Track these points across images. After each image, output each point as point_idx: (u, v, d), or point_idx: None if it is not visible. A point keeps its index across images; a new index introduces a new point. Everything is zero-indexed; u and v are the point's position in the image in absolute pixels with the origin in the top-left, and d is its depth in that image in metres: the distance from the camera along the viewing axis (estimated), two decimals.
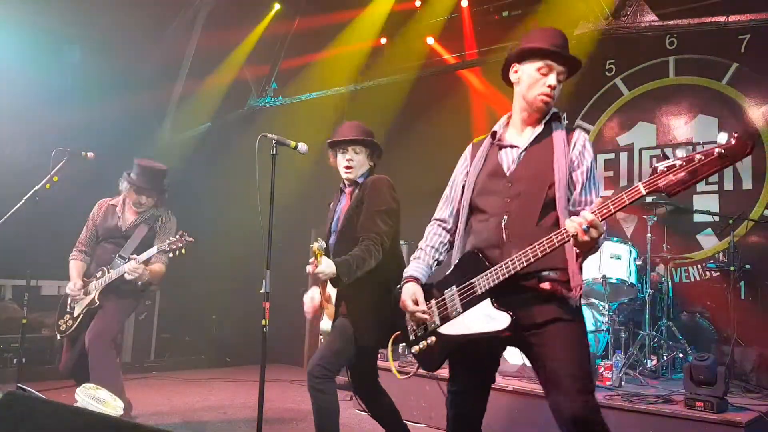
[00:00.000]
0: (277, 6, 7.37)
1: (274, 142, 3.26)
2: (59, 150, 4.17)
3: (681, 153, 2.01)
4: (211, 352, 7.53)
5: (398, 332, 2.59)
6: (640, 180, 6.21)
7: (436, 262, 2.58)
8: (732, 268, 5.03)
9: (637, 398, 3.97)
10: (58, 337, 4.19)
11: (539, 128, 2.42)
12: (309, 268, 3.04)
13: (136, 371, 6.51)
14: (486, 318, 2.24)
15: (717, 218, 5.61)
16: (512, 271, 2.19)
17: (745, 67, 5.69)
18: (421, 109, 7.39)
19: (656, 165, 2.02)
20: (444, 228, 2.61)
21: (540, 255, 2.14)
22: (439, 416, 4.68)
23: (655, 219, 5.20)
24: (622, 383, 4.47)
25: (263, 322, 3.12)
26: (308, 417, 5.05)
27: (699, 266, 5.79)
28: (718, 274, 5.52)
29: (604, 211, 2.05)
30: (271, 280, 3.13)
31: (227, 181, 7.79)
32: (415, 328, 2.49)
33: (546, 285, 2.26)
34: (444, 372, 2.52)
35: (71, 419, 1.79)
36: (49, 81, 6.24)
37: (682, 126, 6.09)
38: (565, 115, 6.71)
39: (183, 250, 3.97)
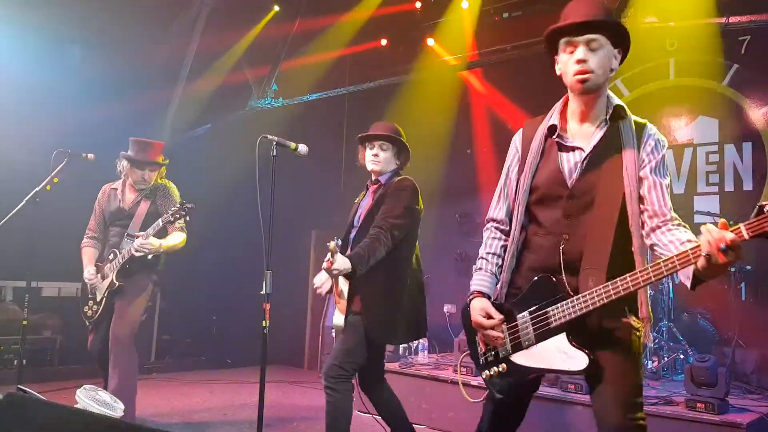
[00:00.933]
0: (276, 8, 7.37)
1: (274, 143, 3.27)
2: (60, 151, 4.17)
3: None
4: (212, 354, 7.52)
5: (467, 352, 2.40)
6: None
7: (499, 270, 2.32)
8: (733, 270, 5.03)
9: None
10: (87, 323, 4.20)
11: (602, 130, 2.13)
12: (325, 265, 3.06)
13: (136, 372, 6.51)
14: (561, 354, 2.05)
15: (717, 219, 5.60)
16: (590, 306, 1.97)
17: (745, 69, 5.69)
18: (421, 110, 7.39)
19: (763, 203, 1.76)
20: (502, 230, 2.35)
21: (632, 288, 1.89)
22: (440, 417, 4.69)
23: None
24: None
25: (264, 323, 3.12)
26: (308, 418, 5.06)
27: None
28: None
29: (743, 233, 1.74)
30: (272, 281, 3.13)
31: (228, 183, 7.79)
32: (484, 350, 2.27)
33: (616, 323, 2.05)
34: (445, 374, 2.49)
35: (72, 420, 1.79)
36: (49, 82, 6.24)
37: (682, 127, 6.09)
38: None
39: (187, 218, 3.96)
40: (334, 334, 3.40)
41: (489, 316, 2.21)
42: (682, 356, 4.94)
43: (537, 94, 7.13)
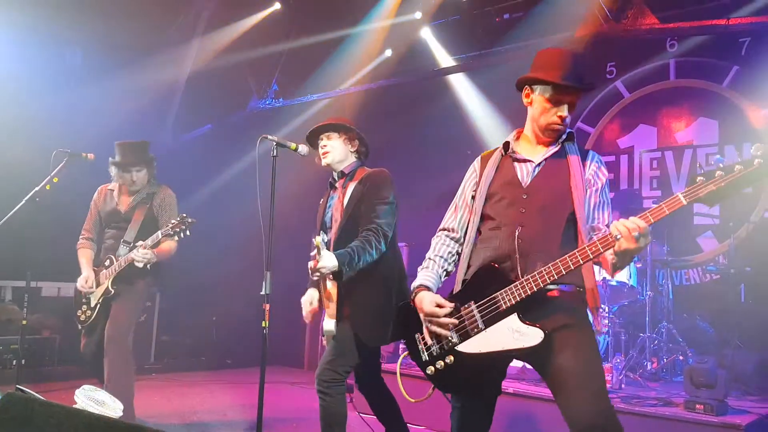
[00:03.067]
0: (277, 5, 7.37)
1: (274, 143, 3.27)
2: (59, 151, 4.17)
3: (721, 162, 2.00)
4: (212, 354, 7.52)
5: (406, 352, 2.41)
6: (640, 182, 6.18)
7: (445, 272, 2.48)
8: (732, 271, 5.03)
9: (637, 401, 3.98)
10: (79, 327, 4.19)
11: (554, 148, 2.40)
12: (311, 264, 2.99)
13: (136, 373, 6.47)
14: (513, 333, 2.12)
15: (717, 221, 5.60)
16: (541, 285, 2.12)
17: (745, 70, 5.70)
18: (422, 111, 7.40)
19: (696, 174, 2.02)
20: (452, 238, 2.51)
21: (572, 267, 2.09)
22: (439, 418, 4.68)
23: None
24: (622, 386, 4.47)
25: (263, 324, 3.12)
26: (308, 418, 5.06)
27: (699, 269, 5.79)
28: (718, 276, 5.52)
29: (650, 218, 2.03)
30: (272, 281, 3.13)
31: (228, 183, 7.80)
32: (428, 344, 2.32)
33: (555, 293, 2.21)
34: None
35: (71, 421, 1.79)
36: (50, 83, 6.25)
37: (682, 129, 6.09)
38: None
39: (187, 232, 3.94)
40: (325, 342, 3.35)
41: (440, 306, 2.27)
42: (681, 358, 4.94)
43: None
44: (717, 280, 5.57)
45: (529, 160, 2.40)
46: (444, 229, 2.55)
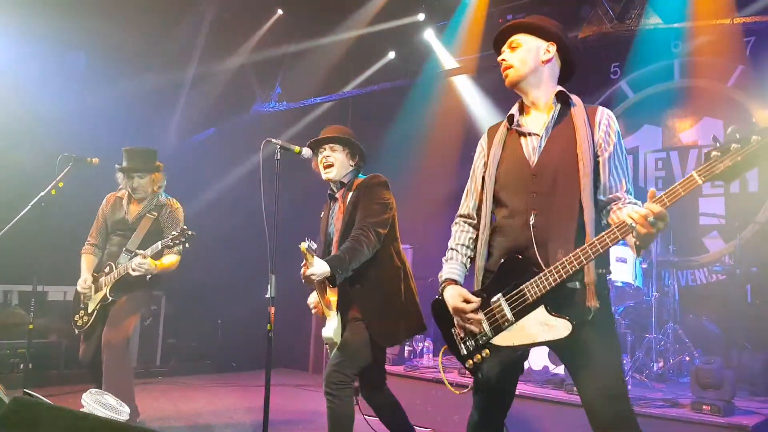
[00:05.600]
0: (279, 11, 7.39)
1: (278, 147, 3.27)
2: (64, 156, 4.19)
3: (731, 137, 1.87)
4: (217, 357, 7.53)
5: (445, 345, 2.39)
6: (645, 183, 6.16)
7: (469, 260, 2.42)
8: (738, 271, 5.01)
9: (643, 402, 3.96)
10: (76, 332, 4.20)
11: (554, 111, 2.28)
12: (301, 270, 2.99)
13: (141, 376, 6.52)
14: (543, 326, 2.11)
15: (723, 221, 5.59)
16: (563, 276, 2.06)
17: (750, 70, 5.68)
18: (424, 113, 7.40)
19: (709, 150, 1.89)
20: (470, 224, 2.45)
21: (593, 256, 2.02)
22: (445, 420, 4.68)
23: None
24: (629, 387, 4.45)
25: (268, 327, 3.13)
26: (313, 421, 5.06)
27: (705, 269, 5.77)
28: (725, 277, 5.50)
29: (666, 200, 1.91)
30: (277, 285, 3.14)
31: (232, 186, 7.82)
32: (463, 338, 2.29)
33: (577, 285, 2.15)
34: (450, 377, 2.49)
35: (78, 424, 1.79)
36: (54, 87, 6.27)
37: (687, 129, 6.07)
38: None
39: (187, 244, 3.97)
40: (328, 348, 3.36)
41: (467, 300, 2.24)
42: (687, 358, 4.92)
43: None
44: (723, 280, 5.55)
45: (535, 134, 2.29)
46: (461, 216, 2.49)
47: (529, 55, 2.31)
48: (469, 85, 7.38)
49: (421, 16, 7.22)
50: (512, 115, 2.37)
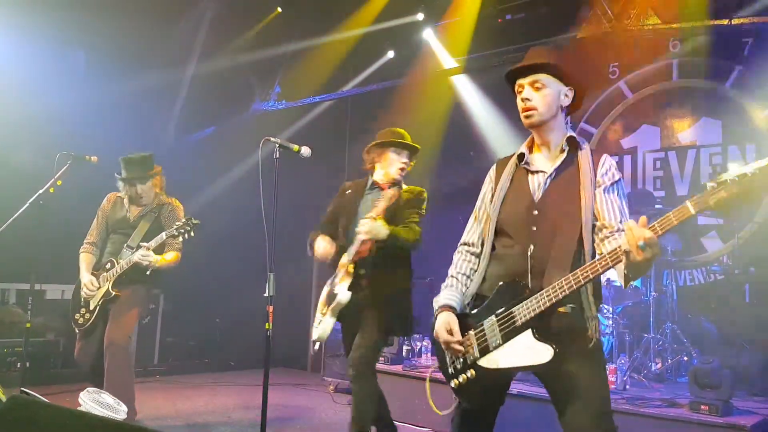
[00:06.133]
0: (278, 9, 7.38)
1: (277, 145, 3.28)
2: (63, 154, 4.18)
3: (734, 168, 1.80)
4: (215, 356, 7.53)
5: (436, 365, 2.47)
6: (644, 183, 6.16)
7: (467, 289, 2.45)
8: (736, 271, 5.02)
9: (641, 402, 3.97)
10: (76, 330, 4.18)
11: (563, 154, 2.34)
12: (372, 213, 3.31)
13: (139, 375, 6.47)
14: (527, 350, 2.14)
15: (721, 221, 5.59)
16: (553, 300, 2.09)
17: (748, 70, 5.69)
18: (424, 113, 7.40)
19: (706, 182, 1.85)
20: (473, 253, 2.49)
21: (582, 282, 2.04)
22: (443, 420, 4.68)
23: None
24: (627, 387, 4.46)
25: (267, 326, 3.13)
26: (311, 420, 5.06)
27: (703, 269, 5.78)
28: (723, 277, 5.51)
29: (658, 229, 1.89)
30: (275, 283, 3.14)
31: (231, 185, 7.81)
32: (453, 360, 2.35)
33: (567, 310, 2.19)
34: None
35: (75, 423, 1.79)
36: (53, 86, 6.26)
37: (685, 129, 6.08)
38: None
39: (192, 233, 3.98)
40: (318, 346, 3.66)
41: (451, 332, 2.29)
42: (685, 358, 4.92)
43: None
44: (721, 280, 5.55)
45: (542, 171, 2.36)
46: (465, 244, 2.54)
47: (553, 100, 2.33)
48: (468, 84, 7.38)
49: (420, 16, 7.22)
50: (523, 154, 2.42)
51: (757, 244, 5.38)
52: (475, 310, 2.33)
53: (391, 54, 7.77)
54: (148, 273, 4.08)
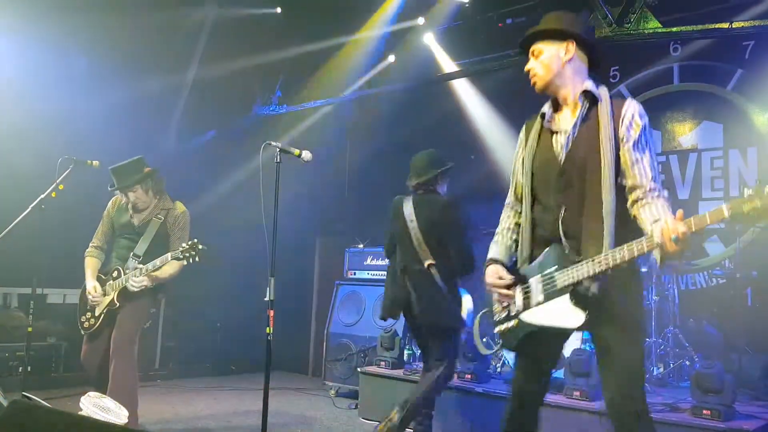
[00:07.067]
0: (278, 10, 7.39)
1: (278, 149, 3.28)
2: (65, 158, 4.18)
3: None
4: (216, 360, 7.52)
5: (486, 309, 2.64)
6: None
7: (514, 243, 2.59)
8: (738, 275, 5.01)
9: None
10: (82, 333, 4.17)
11: (582, 110, 2.39)
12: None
13: (140, 380, 6.44)
14: (562, 312, 2.27)
15: (723, 225, 5.57)
16: (591, 273, 2.18)
17: (750, 73, 5.68)
18: (425, 117, 7.40)
19: (746, 188, 1.88)
20: (515, 210, 2.63)
21: (619, 262, 2.12)
22: (446, 423, 4.67)
23: None
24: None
25: (267, 330, 3.13)
26: (312, 424, 5.05)
27: (705, 273, 5.77)
28: (725, 281, 5.50)
29: (692, 225, 1.98)
30: (276, 287, 3.14)
31: (232, 189, 7.81)
32: (499, 308, 2.53)
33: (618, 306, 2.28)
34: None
35: (76, 428, 1.79)
36: (54, 90, 6.27)
37: (686, 133, 6.07)
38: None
39: (197, 258, 3.87)
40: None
41: (501, 278, 2.48)
42: (687, 363, 4.91)
43: (540, 99, 7.16)
44: (723, 284, 5.54)
45: (563, 131, 2.42)
46: (507, 204, 2.68)
47: (550, 61, 2.44)
48: (469, 88, 7.38)
49: (421, 20, 7.22)
50: (544, 113, 2.51)
51: (760, 247, 5.36)
52: (522, 268, 2.47)
53: (392, 58, 7.78)
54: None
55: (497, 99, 6.98)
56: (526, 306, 2.39)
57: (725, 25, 5.07)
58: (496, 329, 2.54)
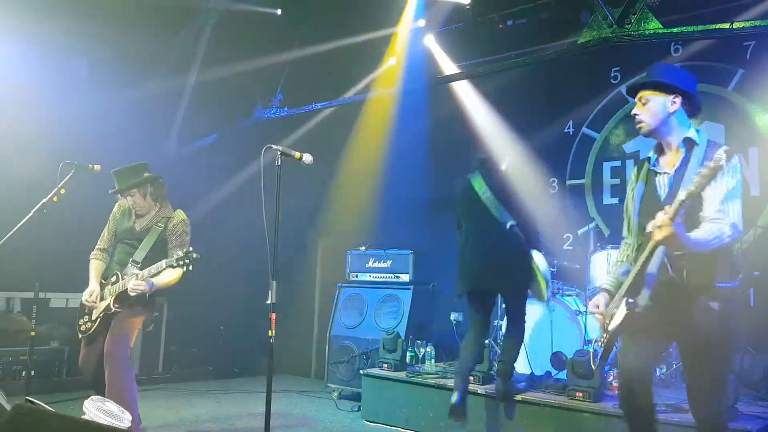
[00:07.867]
0: (278, 11, 7.40)
1: (279, 153, 3.28)
2: (66, 163, 4.19)
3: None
4: (219, 364, 7.52)
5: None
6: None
7: (625, 273, 2.81)
8: (740, 276, 4.98)
9: None
10: (80, 336, 4.19)
11: (683, 155, 2.69)
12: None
13: (144, 383, 6.51)
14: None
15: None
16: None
17: (751, 73, 5.68)
18: (426, 119, 7.41)
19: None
20: (627, 243, 2.93)
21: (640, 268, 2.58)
22: (448, 426, 4.66)
23: None
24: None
25: (270, 333, 3.13)
26: (315, 427, 5.05)
27: None
28: None
29: (669, 212, 2.37)
30: (278, 290, 3.14)
31: (233, 192, 7.83)
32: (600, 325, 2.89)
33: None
34: (452, 383, 2.49)
35: (79, 431, 1.79)
36: (56, 94, 6.29)
37: None
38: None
39: (191, 267, 3.91)
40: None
41: (597, 306, 2.87)
42: None
43: (541, 100, 7.16)
44: (722, 285, 5.51)
45: (666, 173, 2.73)
46: (623, 237, 2.99)
47: (657, 110, 2.73)
48: (470, 90, 7.38)
49: (421, 22, 7.23)
50: (649, 157, 2.85)
51: (761, 248, 5.35)
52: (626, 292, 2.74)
53: (392, 60, 7.78)
54: (147, 296, 4.08)
55: (498, 101, 6.97)
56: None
57: (726, 26, 5.06)
58: (599, 341, 2.86)
